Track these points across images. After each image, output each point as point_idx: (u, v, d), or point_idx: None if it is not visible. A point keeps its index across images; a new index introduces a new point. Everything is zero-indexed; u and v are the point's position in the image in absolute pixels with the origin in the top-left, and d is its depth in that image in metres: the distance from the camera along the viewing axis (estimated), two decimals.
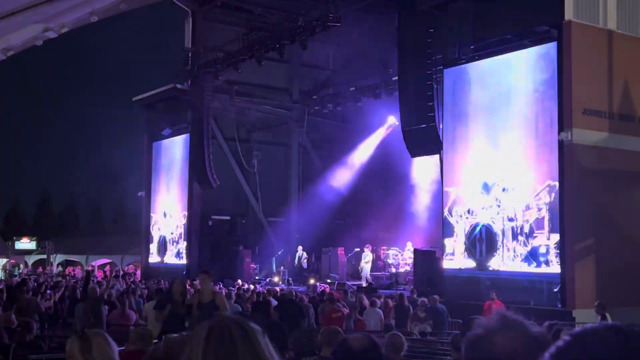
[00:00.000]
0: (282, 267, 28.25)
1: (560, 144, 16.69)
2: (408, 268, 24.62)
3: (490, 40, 18.55)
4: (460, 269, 19.36)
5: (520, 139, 18.02)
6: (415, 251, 22.98)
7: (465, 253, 19.23)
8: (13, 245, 47.96)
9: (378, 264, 27.39)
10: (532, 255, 17.45)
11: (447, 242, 19.91)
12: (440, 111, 20.07)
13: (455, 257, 19.57)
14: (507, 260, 18.05)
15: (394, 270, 25.44)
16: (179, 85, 29.68)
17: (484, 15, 18.35)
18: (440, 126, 20.07)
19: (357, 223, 30.43)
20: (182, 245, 30.05)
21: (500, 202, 18.35)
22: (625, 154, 17.61)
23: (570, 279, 16.40)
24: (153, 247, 32.18)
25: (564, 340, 1.39)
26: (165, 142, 31.84)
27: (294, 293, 15.26)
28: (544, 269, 17.14)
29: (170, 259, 30.86)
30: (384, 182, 29.02)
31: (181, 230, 30.25)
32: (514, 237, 17.90)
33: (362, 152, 30.52)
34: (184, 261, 29.68)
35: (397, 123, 24.84)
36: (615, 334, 1.34)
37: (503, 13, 18.26)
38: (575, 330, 1.40)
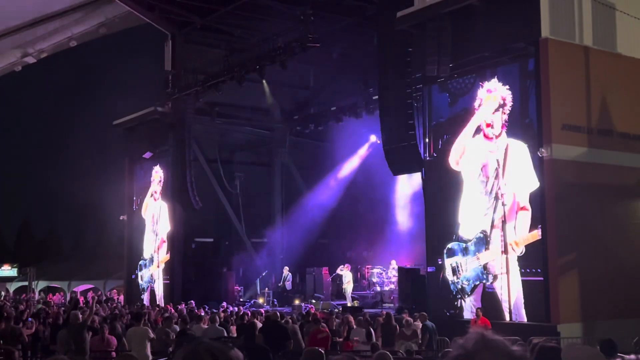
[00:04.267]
0: (266, 289, 28.07)
1: (540, 159, 16.80)
2: (393, 286, 24.58)
3: (469, 58, 18.71)
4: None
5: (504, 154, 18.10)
6: (400, 269, 22.97)
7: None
8: None
9: (363, 282, 27.33)
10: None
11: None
12: (420, 129, 20.15)
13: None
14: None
15: (378, 288, 25.38)
16: (159, 108, 29.57)
17: (462, 34, 18.51)
18: (423, 143, 20.11)
19: (341, 242, 30.39)
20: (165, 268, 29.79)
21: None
22: (605, 168, 17.76)
23: (554, 293, 16.42)
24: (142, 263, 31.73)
25: None
26: (147, 164, 31.68)
27: (278, 314, 15.15)
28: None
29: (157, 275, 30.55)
30: (367, 200, 29.05)
31: (164, 253, 29.99)
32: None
33: (345, 171, 30.55)
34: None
35: (378, 142, 24.93)
36: None
37: (480, 31, 18.43)
38: None
